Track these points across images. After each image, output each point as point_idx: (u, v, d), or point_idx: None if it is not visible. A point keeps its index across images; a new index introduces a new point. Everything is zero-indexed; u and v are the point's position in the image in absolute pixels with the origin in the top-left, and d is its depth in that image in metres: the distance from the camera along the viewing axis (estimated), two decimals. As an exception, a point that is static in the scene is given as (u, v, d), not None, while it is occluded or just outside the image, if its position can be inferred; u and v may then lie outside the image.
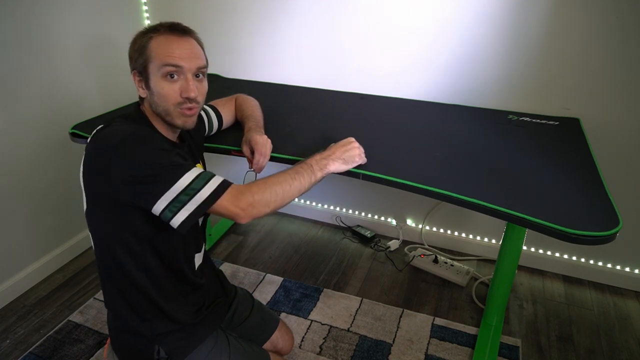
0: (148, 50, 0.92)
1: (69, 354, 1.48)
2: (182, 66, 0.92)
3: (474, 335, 1.56)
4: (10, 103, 1.60)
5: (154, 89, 0.93)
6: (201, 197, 0.84)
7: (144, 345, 1.01)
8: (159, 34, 0.93)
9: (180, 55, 0.92)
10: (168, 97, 0.93)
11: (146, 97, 0.96)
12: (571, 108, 1.62)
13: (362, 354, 1.49)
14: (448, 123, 1.51)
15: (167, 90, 0.93)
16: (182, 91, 0.93)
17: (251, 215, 0.89)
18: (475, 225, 1.98)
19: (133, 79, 0.97)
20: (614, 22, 1.47)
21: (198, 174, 0.86)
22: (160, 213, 0.85)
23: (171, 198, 0.83)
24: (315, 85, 1.93)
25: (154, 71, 0.92)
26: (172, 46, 0.92)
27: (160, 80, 0.92)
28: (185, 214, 0.84)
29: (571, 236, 0.92)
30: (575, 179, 1.13)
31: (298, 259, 1.99)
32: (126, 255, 0.94)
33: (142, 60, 0.93)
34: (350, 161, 1.08)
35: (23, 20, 1.59)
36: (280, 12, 1.88)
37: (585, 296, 1.79)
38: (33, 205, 1.75)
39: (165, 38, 0.93)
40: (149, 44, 0.92)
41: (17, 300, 1.72)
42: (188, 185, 0.84)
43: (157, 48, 0.92)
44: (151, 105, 0.96)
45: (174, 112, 0.95)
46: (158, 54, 0.91)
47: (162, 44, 0.92)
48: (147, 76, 0.93)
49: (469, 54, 1.68)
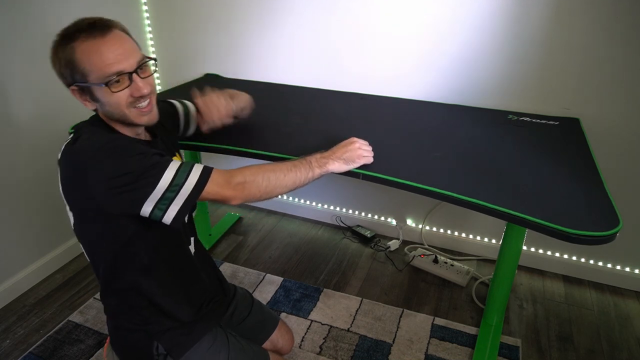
0: (77, 62, 0.84)
1: (68, 354, 1.48)
2: (122, 69, 0.86)
3: (474, 335, 1.56)
4: (9, 102, 1.59)
5: (102, 100, 0.88)
6: (187, 189, 0.85)
7: (144, 343, 1.01)
8: (81, 41, 0.84)
9: (116, 59, 0.85)
10: (120, 103, 0.88)
11: (96, 108, 0.92)
12: (571, 108, 1.62)
13: (362, 354, 1.49)
14: (448, 123, 1.51)
15: (117, 97, 0.87)
16: (133, 92, 0.89)
17: (242, 196, 0.91)
18: (475, 225, 1.98)
19: (73, 95, 0.90)
20: (614, 22, 1.47)
21: (178, 168, 0.86)
22: (150, 214, 0.85)
23: (157, 198, 0.84)
24: (315, 85, 1.93)
25: (96, 83, 0.86)
26: (102, 50, 0.84)
27: (106, 90, 0.86)
28: (175, 209, 0.85)
29: (571, 236, 0.92)
30: (575, 179, 1.13)
31: (298, 259, 1.99)
32: (122, 260, 0.94)
33: (78, 76, 0.86)
34: (351, 161, 1.08)
35: (21, 18, 1.58)
36: (281, 12, 1.88)
37: (585, 296, 1.79)
38: (33, 205, 1.75)
39: (90, 44, 0.84)
40: (75, 56, 0.84)
41: (17, 300, 1.72)
42: (171, 181, 0.84)
43: (88, 58, 0.84)
44: (106, 115, 0.92)
45: (131, 114, 0.91)
46: (93, 65, 0.84)
47: (90, 51, 0.84)
48: (89, 89, 0.87)
49: (469, 54, 1.68)
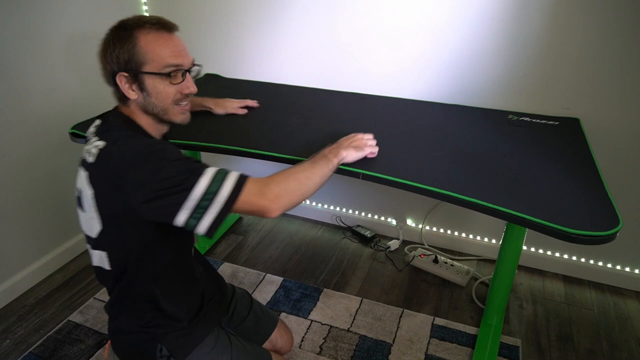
0: (138, 50, 0.87)
1: (68, 354, 1.48)
2: (181, 64, 0.91)
3: (474, 335, 1.56)
4: (9, 102, 1.60)
5: (151, 90, 0.90)
6: (221, 198, 0.83)
7: (147, 345, 1.01)
8: (147, 31, 0.88)
9: (177, 53, 0.90)
10: (168, 96, 0.92)
11: (137, 98, 0.92)
12: (571, 108, 1.62)
13: (362, 354, 1.49)
14: (448, 123, 1.51)
15: (168, 89, 0.91)
16: (183, 88, 0.93)
17: (281, 206, 0.88)
18: (475, 225, 1.98)
19: (117, 81, 0.90)
20: (614, 22, 1.47)
21: (213, 176, 0.84)
22: (185, 223, 0.82)
23: (192, 207, 0.81)
24: (315, 85, 1.93)
25: (154, 72, 0.89)
26: (168, 44, 0.89)
27: (161, 81, 0.90)
28: (210, 219, 0.82)
29: (571, 236, 0.92)
30: (575, 178, 1.13)
31: (298, 259, 1.99)
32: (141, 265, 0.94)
33: (133, 63, 0.88)
34: (359, 149, 1.11)
35: (22, 18, 1.59)
36: (280, 12, 1.88)
37: (585, 296, 1.79)
38: (33, 205, 1.75)
39: (156, 36, 0.89)
40: (137, 44, 0.87)
41: (17, 300, 1.72)
42: (206, 189, 0.82)
43: (152, 48, 0.88)
44: (145, 106, 0.93)
45: (172, 110, 0.94)
46: (155, 55, 0.88)
47: (155, 43, 0.88)
48: (140, 78, 0.89)
49: (469, 53, 1.68)
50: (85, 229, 0.95)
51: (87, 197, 0.89)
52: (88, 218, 0.91)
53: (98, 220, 0.89)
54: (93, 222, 0.90)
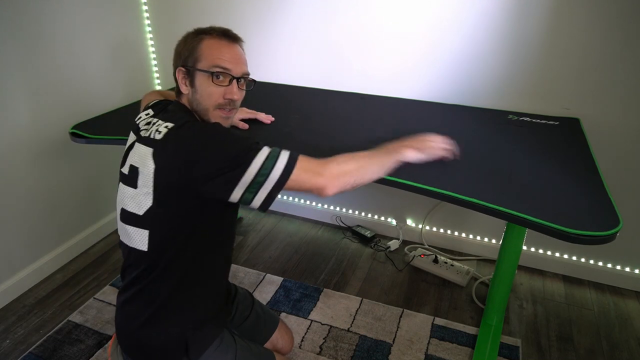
0: (199, 50, 0.98)
1: (68, 354, 1.48)
2: (229, 69, 0.98)
3: (474, 335, 1.56)
4: (9, 103, 1.60)
5: (198, 87, 0.98)
6: (276, 174, 0.88)
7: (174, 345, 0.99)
8: (211, 37, 0.99)
9: (229, 59, 0.98)
10: (211, 96, 0.98)
11: (187, 93, 1.00)
12: (571, 108, 1.62)
13: (362, 354, 1.49)
14: (448, 123, 1.51)
15: (212, 90, 0.98)
16: (226, 93, 0.99)
17: (337, 185, 0.91)
18: (475, 225, 1.98)
19: (177, 75, 1.01)
20: (614, 21, 1.47)
21: (268, 154, 0.89)
22: (240, 198, 0.88)
23: (248, 182, 0.87)
24: (315, 85, 1.93)
25: (202, 69, 0.97)
26: (223, 50, 0.99)
27: (207, 79, 0.97)
28: (265, 193, 0.88)
29: (571, 236, 0.92)
30: (575, 178, 1.13)
31: (298, 259, 1.99)
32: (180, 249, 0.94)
33: (192, 59, 0.98)
34: (424, 150, 1.09)
35: (22, 19, 1.59)
36: (280, 12, 1.88)
37: (585, 296, 1.79)
38: (33, 205, 1.75)
39: (216, 42, 0.99)
40: (200, 44, 0.98)
41: (17, 300, 1.72)
42: (261, 166, 0.87)
43: (209, 49, 0.98)
44: (191, 102, 1.01)
45: (212, 112, 1.00)
46: (209, 55, 0.97)
47: (213, 46, 0.98)
48: (193, 74, 0.98)
49: (469, 54, 1.68)
50: (131, 206, 0.94)
51: (145, 172, 0.91)
52: (139, 194, 0.92)
53: (151, 196, 0.91)
54: (145, 198, 0.91)
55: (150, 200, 0.91)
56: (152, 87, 2.25)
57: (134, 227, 0.95)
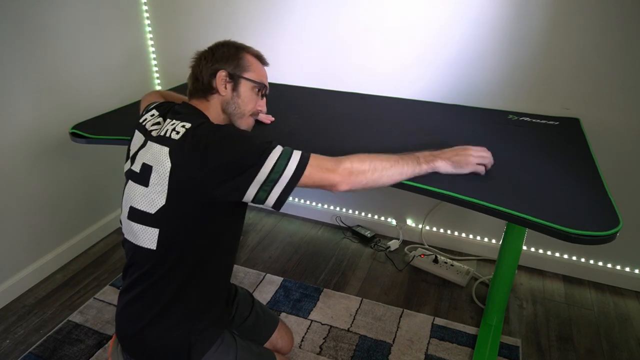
0: (247, 62, 1.07)
1: (68, 354, 1.48)
2: (267, 88, 1.12)
3: (474, 335, 1.56)
4: (9, 103, 1.60)
5: (242, 93, 1.06)
6: (289, 172, 0.91)
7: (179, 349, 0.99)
8: (251, 55, 1.10)
9: (266, 81, 1.12)
10: (250, 105, 1.08)
11: (225, 95, 1.05)
12: (571, 108, 1.62)
13: (362, 354, 1.49)
14: (448, 123, 1.51)
15: (254, 99, 1.09)
16: (261, 104, 1.12)
17: (349, 182, 0.94)
18: (475, 225, 1.98)
19: (217, 76, 1.04)
20: (614, 22, 1.47)
21: (281, 152, 0.92)
22: (255, 196, 0.90)
23: (262, 180, 0.90)
24: (315, 85, 1.93)
25: (254, 80, 1.07)
26: (263, 71, 1.12)
27: (251, 89, 1.08)
28: (279, 191, 0.91)
29: (571, 236, 0.91)
30: (575, 178, 1.13)
31: (298, 259, 1.99)
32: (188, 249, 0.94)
33: (239, 68, 1.06)
34: (459, 166, 1.07)
35: (22, 19, 1.59)
36: (280, 12, 1.88)
37: (585, 296, 1.79)
38: (33, 205, 1.75)
39: (257, 60, 1.11)
40: (246, 57, 1.08)
41: (17, 300, 1.72)
42: (275, 163, 0.90)
43: (255, 65, 1.09)
44: (227, 104, 1.06)
45: (247, 117, 1.09)
46: (257, 70, 1.09)
47: (257, 64, 1.10)
48: (238, 81, 1.06)
49: (469, 54, 1.68)
50: (142, 205, 0.94)
51: (160, 171, 0.91)
52: (151, 193, 0.92)
53: (164, 195, 0.91)
54: (157, 196, 0.92)
55: (164, 198, 0.91)
56: (152, 87, 2.25)
57: (144, 225, 0.94)
